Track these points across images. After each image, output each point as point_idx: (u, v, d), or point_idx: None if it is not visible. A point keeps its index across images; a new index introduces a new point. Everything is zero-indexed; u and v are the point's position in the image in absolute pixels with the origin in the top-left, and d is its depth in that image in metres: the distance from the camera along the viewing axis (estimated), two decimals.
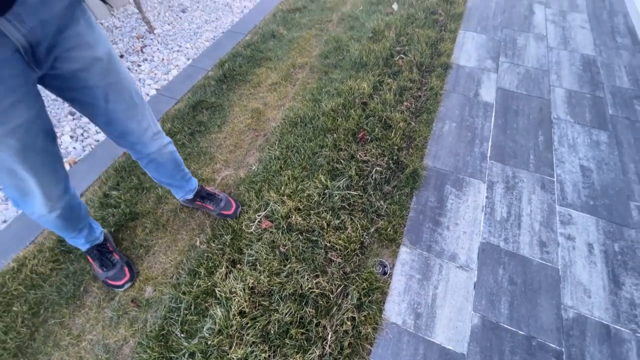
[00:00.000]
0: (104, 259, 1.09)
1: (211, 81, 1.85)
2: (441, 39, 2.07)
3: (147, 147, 0.95)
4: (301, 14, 2.36)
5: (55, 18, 0.61)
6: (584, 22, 2.21)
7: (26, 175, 0.73)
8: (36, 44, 0.60)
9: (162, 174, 1.09)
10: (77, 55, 0.68)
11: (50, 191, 0.82)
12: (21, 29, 0.56)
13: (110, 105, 0.79)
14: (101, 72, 0.74)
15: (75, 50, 0.68)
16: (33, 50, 0.60)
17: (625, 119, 1.62)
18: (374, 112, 1.61)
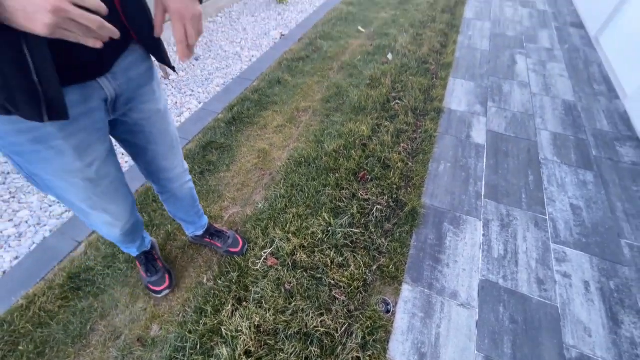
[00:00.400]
0: (149, 265, 1.18)
1: (221, 123, 1.98)
2: (433, 86, 2.26)
3: (172, 183, 1.04)
4: (304, 62, 2.59)
5: (138, 77, 0.76)
6: (562, 71, 2.43)
7: (103, 201, 0.83)
8: (120, 96, 0.73)
9: (179, 209, 1.16)
10: (145, 107, 0.81)
11: (121, 215, 0.91)
12: (113, 84, 0.69)
13: (155, 147, 0.90)
14: (157, 121, 0.86)
15: (146, 103, 0.81)
16: (116, 100, 0.73)
17: (608, 159, 1.73)
18: (374, 153, 1.72)
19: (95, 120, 0.71)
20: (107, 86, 0.68)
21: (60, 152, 0.67)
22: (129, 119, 0.80)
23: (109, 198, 0.84)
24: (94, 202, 0.81)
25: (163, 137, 0.90)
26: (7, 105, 0.54)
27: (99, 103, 0.69)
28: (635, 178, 1.64)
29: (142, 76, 0.77)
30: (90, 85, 0.66)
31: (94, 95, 0.67)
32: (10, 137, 0.62)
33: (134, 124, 0.82)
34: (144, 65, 0.77)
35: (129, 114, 0.79)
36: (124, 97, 0.74)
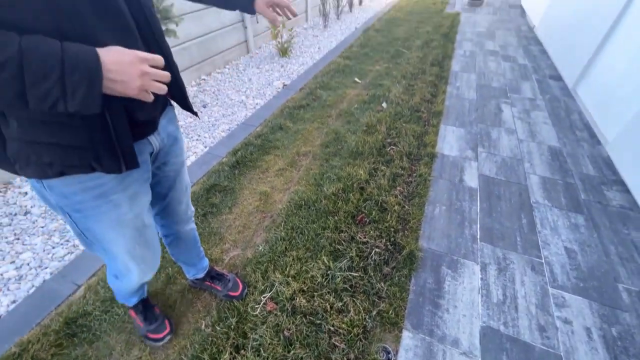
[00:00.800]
0: (148, 313, 1.15)
1: (225, 167, 2.08)
2: (426, 132, 2.41)
3: (179, 225, 1.08)
4: (305, 110, 2.77)
5: (173, 132, 0.86)
6: (545, 119, 2.60)
7: (144, 249, 0.87)
8: (160, 150, 0.82)
9: (182, 251, 1.18)
10: (177, 160, 0.91)
11: (155, 262, 0.95)
12: (158, 139, 0.79)
13: (174, 193, 0.97)
14: (181, 171, 0.95)
15: (177, 156, 0.90)
16: (158, 154, 0.82)
17: (597, 203, 1.80)
18: (371, 196, 1.79)
19: (145, 173, 0.78)
20: (154, 141, 0.78)
21: (118, 204, 0.73)
22: (161, 171, 0.88)
23: (149, 246, 0.88)
24: (137, 252, 0.85)
25: (181, 183, 0.98)
26: (94, 164, 0.62)
27: (147, 157, 0.78)
28: (624, 221, 1.69)
29: (175, 131, 0.88)
30: (144, 142, 0.75)
31: (145, 150, 0.76)
32: (76, 196, 0.68)
33: (163, 175, 0.90)
34: (175, 121, 0.88)
35: (163, 167, 0.88)
36: (163, 151, 0.84)
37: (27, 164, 0.60)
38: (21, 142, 0.57)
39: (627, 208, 1.77)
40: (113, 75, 0.49)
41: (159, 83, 0.55)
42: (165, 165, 0.88)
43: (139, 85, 0.52)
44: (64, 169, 0.62)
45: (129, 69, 0.50)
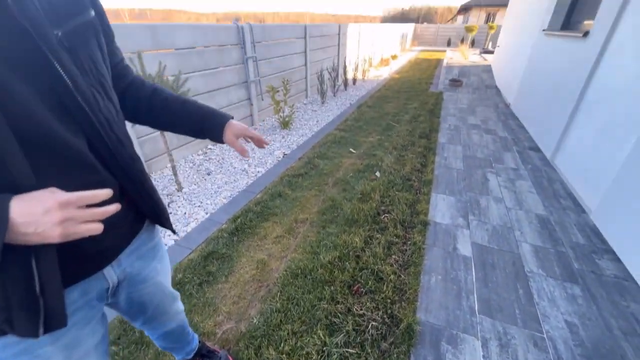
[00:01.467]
0: None
1: (224, 233, 2.13)
2: (417, 200, 2.53)
3: (166, 326, 1.01)
4: (303, 178, 2.94)
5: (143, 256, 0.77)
6: (530, 188, 2.76)
7: None
8: (122, 281, 0.72)
9: (169, 341, 1.11)
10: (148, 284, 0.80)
11: None
12: (117, 270, 0.69)
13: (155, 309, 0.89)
14: (157, 292, 0.85)
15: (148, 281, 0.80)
16: (117, 286, 0.71)
17: (591, 272, 1.82)
18: (367, 264, 1.81)
19: (90, 313, 0.66)
20: (110, 275, 0.68)
21: (47, 359, 0.60)
22: (128, 300, 0.78)
23: None
24: None
25: (162, 298, 0.90)
26: (4, 327, 0.51)
27: (98, 294, 0.67)
28: (621, 292, 1.69)
29: (146, 255, 0.78)
30: (93, 278, 0.64)
31: (95, 287, 0.65)
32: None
33: (134, 302, 0.80)
34: (150, 241, 0.79)
35: (130, 296, 0.78)
36: (126, 281, 0.73)
37: None
38: None
39: (621, 278, 1.78)
40: (23, 228, 0.43)
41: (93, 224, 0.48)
42: (133, 294, 0.78)
43: (59, 233, 0.45)
44: None
45: (44, 219, 0.44)
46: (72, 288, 0.60)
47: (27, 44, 0.47)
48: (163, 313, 0.95)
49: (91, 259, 0.63)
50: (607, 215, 2.11)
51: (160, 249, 0.86)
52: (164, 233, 2.18)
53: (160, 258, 0.85)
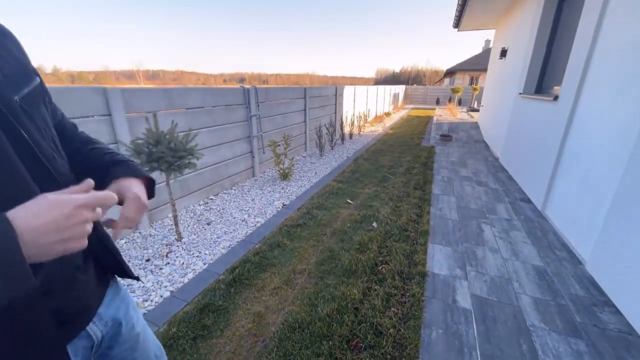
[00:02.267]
0: None
1: (221, 284, 2.11)
2: (415, 251, 2.55)
3: None
4: (302, 228, 2.99)
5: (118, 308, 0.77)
6: (524, 239, 2.81)
7: None
8: (104, 335, 0.72)
9: None
10: (126, 337, 0.79)
11: None
12: (100, 325, 0.70)
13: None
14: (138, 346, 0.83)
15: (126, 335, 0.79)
16: (101, 341, 0.71)
17: (594, 326, 1.78)
18: (365, 317, 1.78)
19: None
20: (94, 332, 0.68)
21: None
22: (112, 352, 0.77)
23: None
24: None
25: (145, 354, 0.87)
26: None
27: (84, 354, 0.67)
28: (628, 347, 1.64)
29: (120, 305, 0.78)
30: (79, 337, 0.65)
31: (81, 346, 0.65)
32: None
33: (117, 357, 0.79)
34: (120, 293, 0.80)
35: (110, 352, 0.76)
36: (108, 335, 0.73)
37: None
38: None
39: (625, 332, 1.74)
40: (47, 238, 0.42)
41: None
42: (113, 349, 0.77)
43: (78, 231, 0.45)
44: None
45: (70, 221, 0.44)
46: None
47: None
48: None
49: (75, 319, 0.64)
50: (601, 266, 2.14)
51: (128, 299, 0.85)
52: (159, 285, 2.16)
53: (133, 307, 0.84)
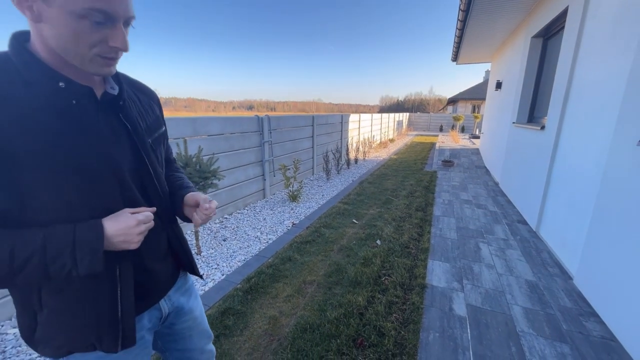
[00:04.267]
0: None
1: (239, 292, 2.34)
2: (415, 266, 2.76)
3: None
4: (310, 244, 3.23)
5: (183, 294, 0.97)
6: (519, 257, 3.00)
7: None
8: (171, 312, 0.93)
9: None
10: (186, 317, 0.98)
11: None
12: (168, 303, 0.91)
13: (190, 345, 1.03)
14: (195, 326, 1.02)
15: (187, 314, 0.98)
16: (167, 316, 0.92)
17: (579, 333, 1.95)
18: (370, 321, 1.98)
19: (148, 338, 0.86)
20: (164, 306, 0.89)
21: None
22: (173, 329, 0.97)
23: None
24: None
25: (200, 337, 1.06)
26: (96, 343, 0.71)
27: (154, 323, 0.88)
28: (609, 351, 1.80)
29: (185, 293, 0.99)
30: (153, 308, 0.85)
31: (154, 316, 0.87)
32: None
33: (178, 332, 0.98)
34: (186, 284, 1.01)
35: (173, 326, 0.96)
36: (173, 312, 0.94)
37: (45, 346, 0.71)
38: (45, 327, 0.69)
39: (608, 339, 1.91)
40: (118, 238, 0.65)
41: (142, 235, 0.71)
42: (175, 325, 0.96)
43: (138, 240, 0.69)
44: (71, 348, 0.72)
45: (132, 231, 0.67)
46: (141, 316, 0.82)
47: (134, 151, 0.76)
48: (198, 349, 1.06)
49: (152, 294, 0.85)
50: (586, 280, 2.33)
51: (194, 291, 1.06)
52: None
53: (195, 297, 1.05)
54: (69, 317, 0.69)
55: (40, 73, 0.60)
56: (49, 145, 0.59)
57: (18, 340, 1.87)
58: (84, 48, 0.61)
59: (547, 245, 3.20)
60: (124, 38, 0.64)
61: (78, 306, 0.69)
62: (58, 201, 0.62)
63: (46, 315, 0.67)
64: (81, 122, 0.65)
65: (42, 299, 0.66)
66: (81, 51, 0.61)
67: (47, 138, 0.59)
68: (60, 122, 0.61)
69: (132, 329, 0.74)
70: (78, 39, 0.59)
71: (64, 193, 0.62)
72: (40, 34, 0.60)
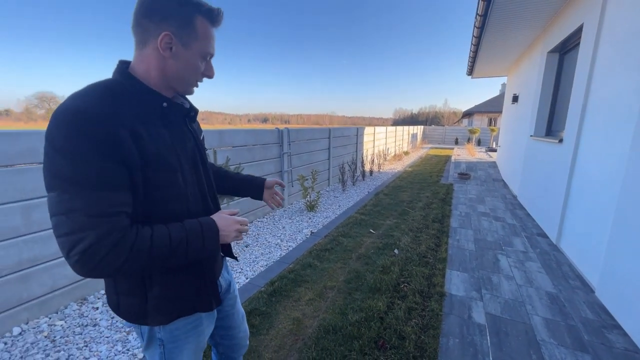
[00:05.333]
0: None
1: (264, 295, 2.46)
2: (433, 274, 2.81)
3: (236, 353, 1.26)
4: (329, 252, 3.33)
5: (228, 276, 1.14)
6: (539, 269, 2.99)
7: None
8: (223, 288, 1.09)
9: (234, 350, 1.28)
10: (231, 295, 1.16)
11: None
12: (223, 280, 1.09)
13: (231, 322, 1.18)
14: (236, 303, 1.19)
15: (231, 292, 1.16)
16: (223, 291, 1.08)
17: (601, 344, 1.95)
18: (390, 325, 2.05)
19: None
20: (221, 282, 1.06)
21: (201, 333, 0.96)
22: (222, 307, 1.12)
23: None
24: None
25: (238, 313, 1.21)
26: (197, 307, 0.91)
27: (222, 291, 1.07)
28: None
29: (228, 273, 1.15)
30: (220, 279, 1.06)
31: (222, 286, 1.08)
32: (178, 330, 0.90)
33: (223, 311, 1.13)
34: (227, 267, 1.17)
35: (223, 302, 1.12)
36: (224, 288, 1.10)
37: (157, 314, 0.84)
38: (157, 300, 0.83)
39: (632, 351, 1.90)
40: (224, 232, 0.84)
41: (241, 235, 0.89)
42: (224, 301, 1.11)
43: (234, 236, 0.86)
44: (179, 313, 0.88)
45: (231, 228, 0.85)
46: None
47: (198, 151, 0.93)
48: (235, 327, 1.19)
49: (217, 270, 1.02)
50: (608, 292, 2.32)
51: (229, 271, 1.20)
52: None
53: (231, 274, 1.19)
54: (177, 288, 0.86)
55: (149, 95, 0.78)
56: (165, 150, 0.77)
57: None
58: (195, 77, 0.84)
59: (567, 258, 3.18)
60: (213, 69, 0.88)
61: (182, 279, 0.86)
62: (170, 193, 0.79)
63: (157, 291, 0.82)
64: (180, 131, 0.85)
65: (153, 279, 0.82)
66: (193, 80, 0.84)
67: (163, 145, 0.77)
68: (168, 133, 0.80)
69: (218, 293, 0.96)
70: (197, 71, 0.82)
71: (175, 186, 0.80)
72: (162, 66, 0.77)
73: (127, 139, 0.68)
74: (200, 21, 0.78)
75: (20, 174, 2.04)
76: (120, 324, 2.14)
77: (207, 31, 0.80)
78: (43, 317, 2.18)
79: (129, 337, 2.02)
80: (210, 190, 0.99)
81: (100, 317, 2.21)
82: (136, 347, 1.92)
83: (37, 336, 1.99)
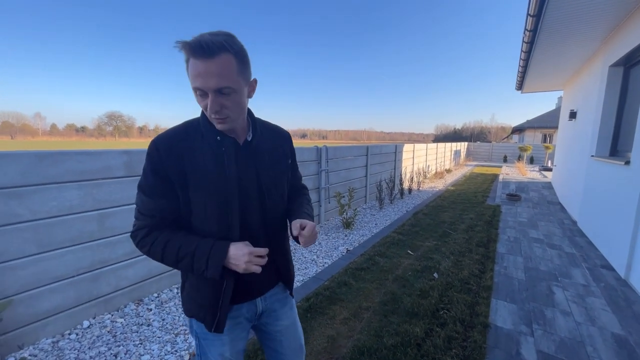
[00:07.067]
0: None
1: (299, 310, 2.51)
2: (476, 303, 2.65)
3: None
4: (365, 272, 3.30)
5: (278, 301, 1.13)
6: (604, 306, 2.66)
7: None
8: (264, 311, 1.10)
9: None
10: (278, 323, 1.13)
11: None
12: (263, 303, 1.08)
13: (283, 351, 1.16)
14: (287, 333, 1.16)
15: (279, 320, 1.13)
16: (262, 314, 1.10)
17: None
18: (428, 353, 1.98)
19: (246, 326, 1.08)
20: (259, 304, 1.07)
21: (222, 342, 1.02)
22: (267, 329, 1.14)
23: None
24: None
25: (290, 343, 1.18)
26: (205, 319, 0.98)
27: (251, 315, 1.07)
28: None
29: (280, 301, 1.14)
30: (251, 302, 1.06)
31: (251, 309, 1.07)
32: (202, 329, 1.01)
33: (270, 333, 1.15)
34: (282, 294, 1.15)
35: (267, 326, 1.14)
36: (266, 312, 1.11)
37: (184, 305, 1.04)
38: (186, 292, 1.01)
39: None
40: (233, 260, 0.87)
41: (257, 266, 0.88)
42: (269, 325, 1.13)
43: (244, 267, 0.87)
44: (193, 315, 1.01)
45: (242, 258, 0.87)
46: (241, 305, 1.02)
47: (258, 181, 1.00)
48: (282, 352, 1.16)
49: (252, 291, 1.05)
50: None
51: (291, 302, 1.19)
52: None
53: (291, 307, 1.18)
54: (195, 292, 0.99)
55: (209, 130, 0.92)
56: (203, 177, 0.90)
57: None
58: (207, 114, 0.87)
59: (639, 295, 2.79)
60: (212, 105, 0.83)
61: (200, 288, 0.98)
62: (204, 213, 0.92)
63: (187, 286, 1.02)
64: (223, 162, 0.93)
65: (188, 275, 1.02)
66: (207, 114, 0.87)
67: (204, 172, 0.90)
68: (213, 162, 0.92)
69: (223, 321, 0.96)
70: (203, 108, 0.87)
71: (208, 207, 0.92)
72: None
73: (173, 164, 0.88)
74: (187, 59, 0.81)
75: (97, 187, 2.39)
76: (169, 326, 2.33)
77: (193, 66, 0.80)
78: (107, 313, 2.46)
79: (177, 339, 2.19)
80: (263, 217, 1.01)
81: (153, 317, 2.44)
82: (183, 349, 2.08)
83: (102, 330, 2.25)
